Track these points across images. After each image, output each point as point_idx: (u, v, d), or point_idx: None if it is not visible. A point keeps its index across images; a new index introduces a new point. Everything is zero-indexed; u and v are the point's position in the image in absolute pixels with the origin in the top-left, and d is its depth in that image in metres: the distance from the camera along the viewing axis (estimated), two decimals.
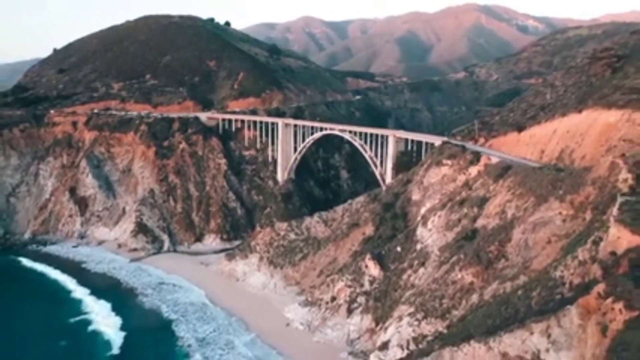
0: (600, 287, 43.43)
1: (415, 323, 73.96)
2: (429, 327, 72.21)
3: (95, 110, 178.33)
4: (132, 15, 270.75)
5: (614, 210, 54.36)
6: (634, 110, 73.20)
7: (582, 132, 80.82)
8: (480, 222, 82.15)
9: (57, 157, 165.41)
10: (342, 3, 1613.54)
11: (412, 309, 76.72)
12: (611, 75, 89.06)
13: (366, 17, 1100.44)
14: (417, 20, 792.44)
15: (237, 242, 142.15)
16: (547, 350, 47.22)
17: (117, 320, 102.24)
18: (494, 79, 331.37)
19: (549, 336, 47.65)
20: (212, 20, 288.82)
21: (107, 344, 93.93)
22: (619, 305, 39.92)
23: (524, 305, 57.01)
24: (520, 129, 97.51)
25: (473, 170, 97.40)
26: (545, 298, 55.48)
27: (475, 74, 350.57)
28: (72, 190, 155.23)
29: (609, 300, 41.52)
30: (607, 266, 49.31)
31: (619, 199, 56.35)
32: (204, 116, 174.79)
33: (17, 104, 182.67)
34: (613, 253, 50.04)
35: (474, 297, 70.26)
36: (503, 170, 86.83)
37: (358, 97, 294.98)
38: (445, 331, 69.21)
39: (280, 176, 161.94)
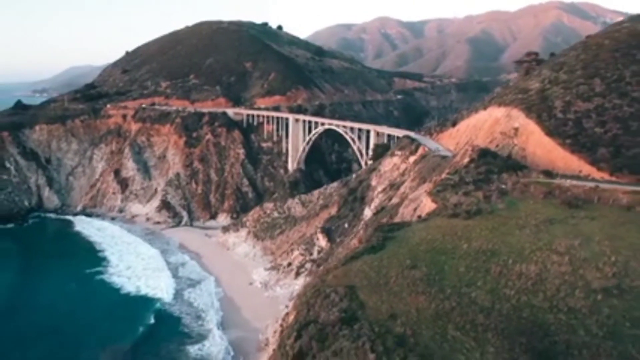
0: (362, 235, 59.15)
1: None
2: None
3: (143, 105, 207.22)
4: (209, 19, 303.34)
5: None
6: (513, 107, 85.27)
7: (480, 127, 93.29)
8: (392, 201, 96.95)
9: (108, 144, 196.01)
10: (422, 3, 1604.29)
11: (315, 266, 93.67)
12: (524, 77, 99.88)
13: (444, 16, 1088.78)
14: (495, 20, 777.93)
15: None
16: None
17: (126, 270, 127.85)
18: None
19: None
20: (265, 24, 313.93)
21: (109, 285, 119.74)
22: (355, 241, 55.74)
23: None
24: (454, 124, 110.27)
25: (411, 159, 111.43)
26: None
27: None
28: (117, 172, 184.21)
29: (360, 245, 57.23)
30: None
31: (443, 176, 70.94)
32: (231, 112, 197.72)
33: (83, 99, 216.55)
34: (419, 216, 65.24)
35: None
36: (421, 158, 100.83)
37: (399, 96, 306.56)
38: None
39: (291, 165, 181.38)
